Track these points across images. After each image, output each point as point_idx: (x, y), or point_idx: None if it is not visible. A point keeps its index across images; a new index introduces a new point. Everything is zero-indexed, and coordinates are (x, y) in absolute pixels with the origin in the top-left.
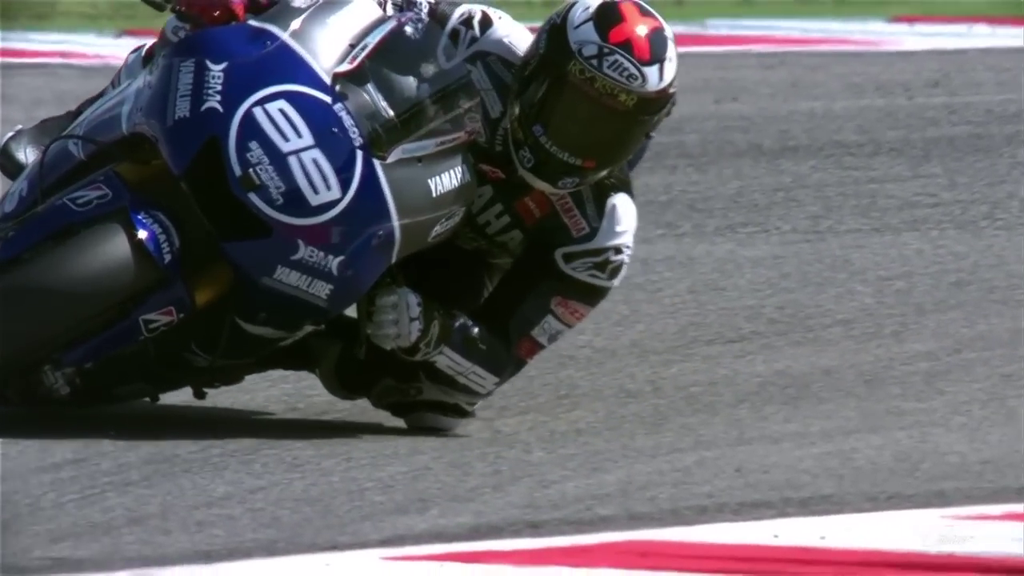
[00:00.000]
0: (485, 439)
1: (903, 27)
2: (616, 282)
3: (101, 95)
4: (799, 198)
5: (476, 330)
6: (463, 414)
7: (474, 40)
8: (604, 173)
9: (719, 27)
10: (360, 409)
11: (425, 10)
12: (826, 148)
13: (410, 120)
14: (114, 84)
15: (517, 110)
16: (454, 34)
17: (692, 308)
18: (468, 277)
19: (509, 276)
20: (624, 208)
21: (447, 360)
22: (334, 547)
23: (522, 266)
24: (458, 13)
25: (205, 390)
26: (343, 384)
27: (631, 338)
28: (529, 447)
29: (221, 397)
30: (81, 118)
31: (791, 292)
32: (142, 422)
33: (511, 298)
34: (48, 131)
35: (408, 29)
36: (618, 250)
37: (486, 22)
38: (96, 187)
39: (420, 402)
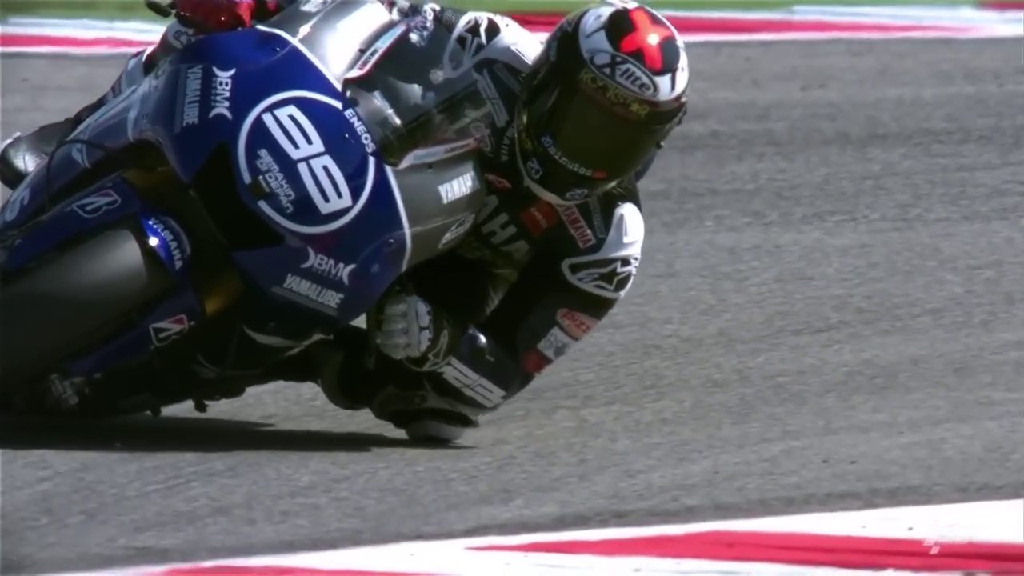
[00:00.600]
0: (571, 428)
1: (993, 14)
2: (622, 294)
3: (101, 101)
4: (887, 186)
5: (484, 341)
6: (467, 423)
7: (480, 47)
8: (613, 184)
9: (806, 13)
10: None
11: (431, 17)
12: (915, 136)
13: (421, 127)
14: (114, 90)
15: (525, 119)
16: (460, 41)
17: (779, 297)
18: (471, 287)
19: (515, 288)
20: (632, 219)
21: (455, 371)
22: (419, 537)
23: (528, 277)
24: (464, 20)
25: (206, 402)
26: (345, 393)
27: (718, 327)
28: (615, 436)
29: (294, 390)
30: (84, 124)
31: (879, 281)
32: (219, 411)
33: (517, 310)
34: (47, 138)
35: (414, 36)
36: (625, 261)
37: (493, 29)
38: (105, 193)
39: (424, 410)
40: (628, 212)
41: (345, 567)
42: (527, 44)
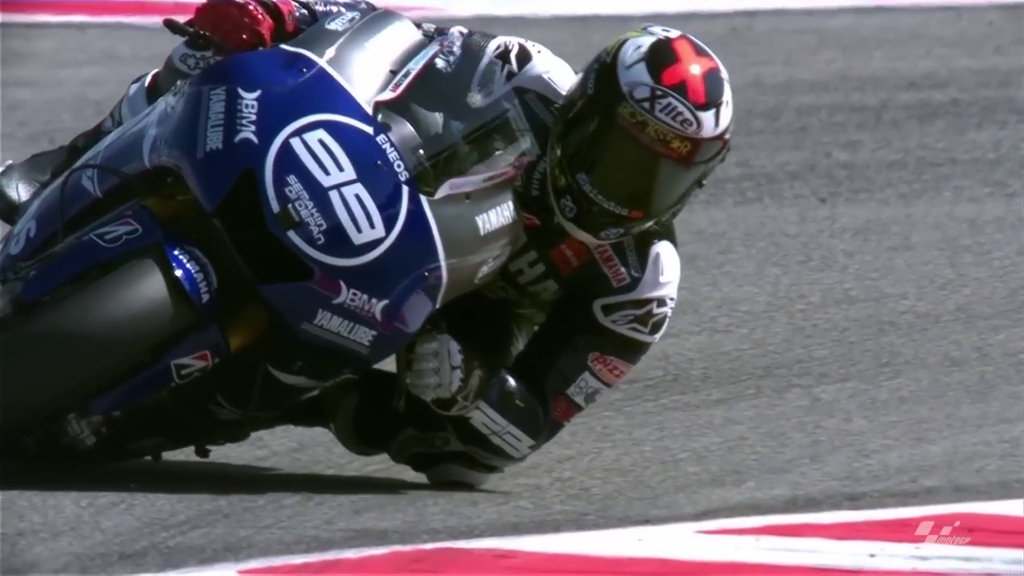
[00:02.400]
0: (803, 407)
1: None
2: (657, 337)
3: (98, 128)
4: None
5: (513, 385)
6: (492, 468)
7: (511, 75)
8: (651, 224)
9: None
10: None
11: (459, 43)
12: None
13: (457, 155)
14: (113, 116)
15: (559, 152)
16: (490, 67)
17: (1022, 271)
18: (495, 327)
19: (543, 330)
20: (668, 257)
21: (483, 416)
22: (646, 521)
23: (557, 319)
24: (493, 45)
25: (208, 447)
26: (361, 438)
27: (956, 303)
28: (849, 416)
29: None
30: (94, 150)
31: None
32: None
33: (545, 354)
34: (39, 166)
35: (439, 63)
36: (661, 302)
37: (524, 56)
38: (125, 222)
39: (445, 454)
40: (664, 250)
41: (569, 551)
42: (560, 72)
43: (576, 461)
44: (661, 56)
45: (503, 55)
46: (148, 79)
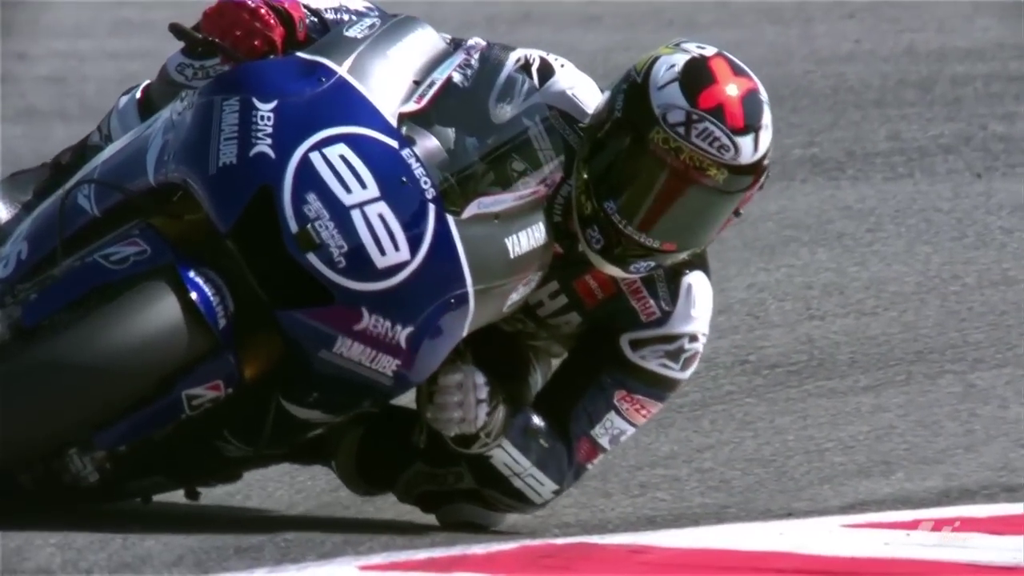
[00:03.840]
0: (956, 394)
1: None
2: (688, 374)
3: (84, 143)
4: None
5: (539, 424)
6: (511, 508)
7: (532, 91)
8: (684, 256)
9: None
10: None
11: (477, 55)
12: None
13: (487, 170)
14: (100, 130)
15: (585, 176)
16: (509, 83)
17: None
18: (512, 357)
19: (566, 366)
20: (701, 289)
21: (505, 456)
22: (789, 514)
23: (581, 354)
24: (513, 58)
25: (199, 490)
26: (364, 476)
27: None
28: (1006, 403)
29: None
30: (91, 166)
31: None
32: None
33: (569, 391)
34: (20, 185)
35: (456, 76)
36: (693, 337)
37: (546, 70)
38: (132, 242)
39: (458, 491)
40: (697, 281)
41: (707, 545)
42: (585, 88)
43: (716, 451)
44: (696, 76)
45: (524, 68)
46: (139, 91)
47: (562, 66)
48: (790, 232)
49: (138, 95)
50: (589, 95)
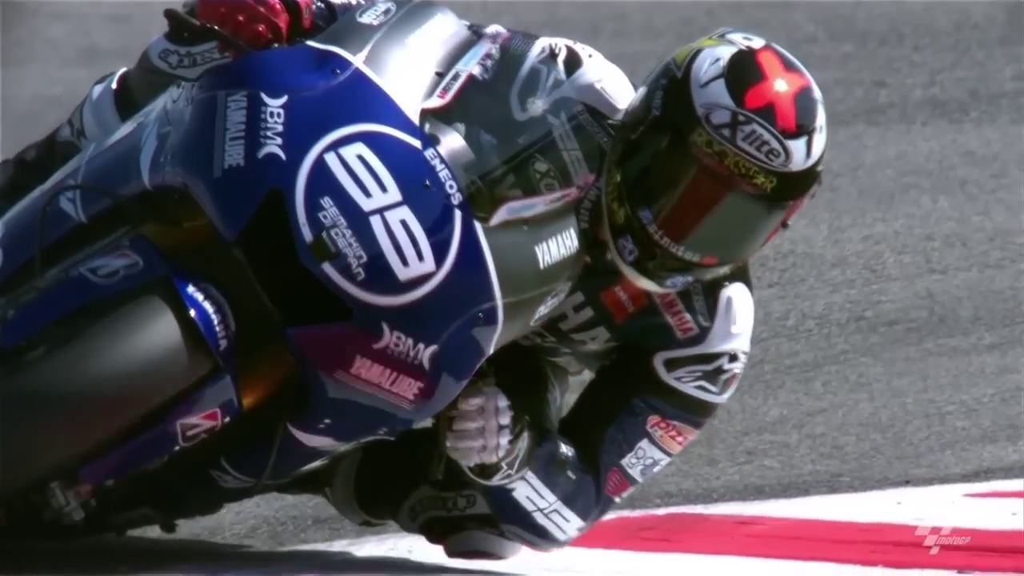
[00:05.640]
0: None
1: None
2: (727, 397)
3: (52, 138)
4: None
5: (565, 452)
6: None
7: (558, 84)
8: (725, 271)
9: None
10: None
11: (497, 45)
12: None
13: (517, 171)
14: (72, 124)
15: (618, 179)
16: (533, 75)
17: None
18: (529, 375)
19: (593, 388)
20: (741, 303)
21: (528, 490)
22: (907, 482)
23: (610, 376)
24: (537, 48)
25: (175, 523)
26: (363, 504)
27: None
28: None
29: None
30: (74, 165)
31: None
32: None
33: (597, 417)
34: None
35: (477, 70)
36: (733, 356)
37: (573, 61)
38: (122, 254)
39: (468, 517)
40: (737, 294)
41: (819, 516)
42: (615, 81)
43: (828, 415)
44: (743, 72)
45: (549, 59)
46: (115, 81)
47: (590, 56)
48: (909, 179)
49: (114, 85)
50: (619, 88)
